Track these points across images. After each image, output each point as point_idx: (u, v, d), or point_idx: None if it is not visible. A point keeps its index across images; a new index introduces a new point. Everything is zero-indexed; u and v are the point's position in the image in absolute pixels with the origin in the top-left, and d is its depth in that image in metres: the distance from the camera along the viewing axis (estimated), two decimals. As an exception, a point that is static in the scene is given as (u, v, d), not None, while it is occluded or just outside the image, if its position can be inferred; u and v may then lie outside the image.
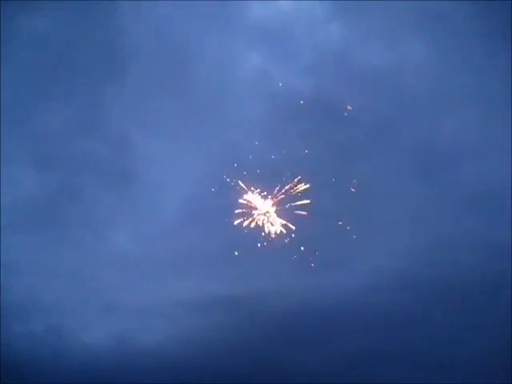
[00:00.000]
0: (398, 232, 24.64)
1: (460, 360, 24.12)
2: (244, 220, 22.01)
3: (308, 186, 21.91)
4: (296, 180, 22.04)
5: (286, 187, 22.21)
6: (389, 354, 24.72)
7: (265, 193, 22.07)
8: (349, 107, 23.38)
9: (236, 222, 21.78)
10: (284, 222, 22.34)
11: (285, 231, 22.20)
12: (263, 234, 21.85)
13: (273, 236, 21.90)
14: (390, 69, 24.72)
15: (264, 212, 21.95)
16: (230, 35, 25.34)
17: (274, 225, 21.98)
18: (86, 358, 24.21)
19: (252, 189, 21.96)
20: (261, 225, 21.93)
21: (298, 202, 22.11)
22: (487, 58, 24.32)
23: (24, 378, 23.69)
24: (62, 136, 25.34)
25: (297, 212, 22.58)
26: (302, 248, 22.46)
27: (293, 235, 21.99)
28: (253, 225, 21.76)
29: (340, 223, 23.02)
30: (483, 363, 23.51)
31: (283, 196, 22.40)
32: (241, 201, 21.86)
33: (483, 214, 23.88)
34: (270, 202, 22.11)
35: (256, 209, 21.89)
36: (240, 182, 22.17)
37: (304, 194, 23.27)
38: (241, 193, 22.42)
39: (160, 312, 24.30)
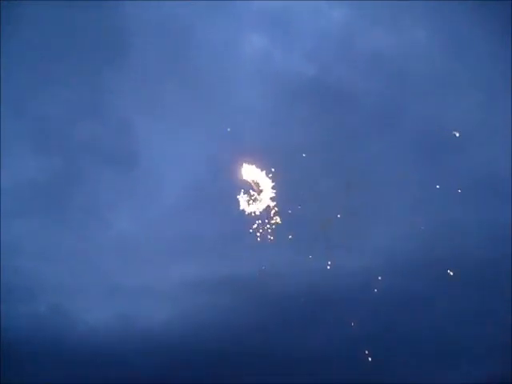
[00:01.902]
0: (400, 216, 24.79)
1: (462, 345, 24.37)
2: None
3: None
4: None
5: None
6: (390, 338, 24.94)
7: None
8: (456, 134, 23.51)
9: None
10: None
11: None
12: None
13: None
14: (393, 54, 24.90)
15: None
16: (233, 19, 25.43)
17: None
18: (89, 338, 24.45)
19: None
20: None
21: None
22: (491, 44, 24.27)
23: (27, 358, 23.99)
24: (62, 120, 25.45)
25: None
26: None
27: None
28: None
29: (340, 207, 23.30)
30: (487, 349, 23.78)
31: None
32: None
33: (486, 199, 24.01)
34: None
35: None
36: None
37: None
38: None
39: (163, 293, 24.48)
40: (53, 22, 24.54)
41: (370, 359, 23.83)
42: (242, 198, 23.60)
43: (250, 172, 23.81)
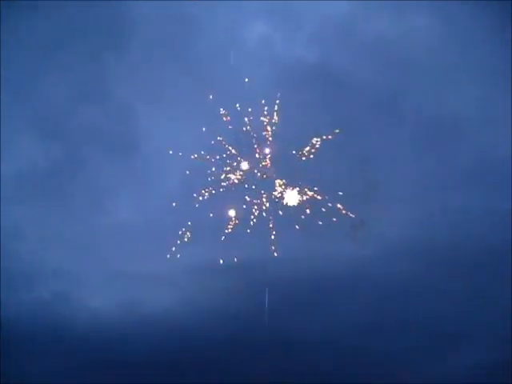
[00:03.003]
0: (403, 202, 24.92)
1: (468, 330, 24.55)
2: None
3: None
4: None
5: None
6: (394, 323, 25.09)
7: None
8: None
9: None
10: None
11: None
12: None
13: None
14: (395, 40, 24.76)
15: None
16: (234, 5, 25.14)
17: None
18: (92, 325, 24.45)
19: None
20: None
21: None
22: (492, 32, 24.40)
23: (28, 346, 23.92)
24: (64, 106, 25.28)
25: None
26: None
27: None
28: None
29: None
30: (488, 335, 23.99)
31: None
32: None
33: (488, 184, 24.15)
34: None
35: None
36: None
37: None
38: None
39: (166, 279, 24.43)
40: (54, 8, 24.33)
41: None
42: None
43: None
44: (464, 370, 24.55)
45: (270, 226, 23.31)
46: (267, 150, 23.75)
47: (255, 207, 23.47)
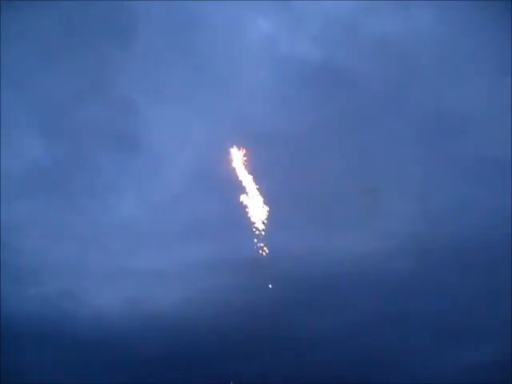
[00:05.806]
0: (409, 197, 24.99)
1: (473, 325, 24.51)
2: None
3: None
4: None
5: None
6: (400, 318, 25.07)
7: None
8: None
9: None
10: None
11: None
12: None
13: None
14: (399, 37, 24.71)
15: None
16: (239, 2, 25.13)
17: None
18: (96, 322, 24.36)
19: None
20: None
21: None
22: (493, 29, 24.42)
23: (31, 343, 23.87)
24: (67, 102, 25.17)
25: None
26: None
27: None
28: None
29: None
30: (496, 328, 23.95)
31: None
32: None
33: (492, 180, 24.19)
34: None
35: None
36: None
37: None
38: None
39: (171, 276, 24.36)
40: (57, 4, 24.26)
41: None
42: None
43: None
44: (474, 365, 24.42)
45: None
46: None
47: None
